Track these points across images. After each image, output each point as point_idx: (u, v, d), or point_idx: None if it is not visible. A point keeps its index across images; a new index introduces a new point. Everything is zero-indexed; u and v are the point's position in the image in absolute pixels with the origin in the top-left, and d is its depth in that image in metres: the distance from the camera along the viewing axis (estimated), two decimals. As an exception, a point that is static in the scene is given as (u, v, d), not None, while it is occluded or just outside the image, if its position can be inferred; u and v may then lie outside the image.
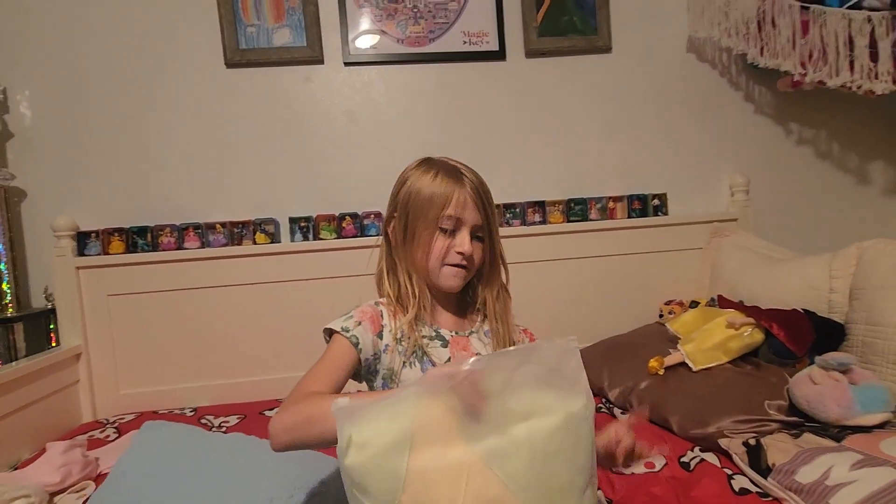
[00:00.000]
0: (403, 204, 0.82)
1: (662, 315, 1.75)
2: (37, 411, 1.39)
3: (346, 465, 0.55)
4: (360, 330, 0.79)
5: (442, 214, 0.79)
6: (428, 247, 0.81)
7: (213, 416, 1.47)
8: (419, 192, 0.80)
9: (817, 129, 1.93)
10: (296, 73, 1.72)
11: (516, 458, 0.56)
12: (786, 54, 1.63)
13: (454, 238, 0.81)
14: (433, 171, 0.82)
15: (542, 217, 1.79)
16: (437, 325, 0.85)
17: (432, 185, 0.80)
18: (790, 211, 1.92)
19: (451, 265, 0.82)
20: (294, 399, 0.70)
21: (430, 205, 0.79)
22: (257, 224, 1.68)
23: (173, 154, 1.69)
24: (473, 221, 0.81)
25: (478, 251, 0.83)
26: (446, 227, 0.80)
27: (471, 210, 0.80)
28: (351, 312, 0.82)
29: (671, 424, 1.16)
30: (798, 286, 1.44)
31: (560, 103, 1.83)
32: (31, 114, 1.63)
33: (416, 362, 0.81)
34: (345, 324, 0.79)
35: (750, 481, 0.92)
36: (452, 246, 0.81)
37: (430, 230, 0.80)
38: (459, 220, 0.80)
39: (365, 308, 0.83)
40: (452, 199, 0.79)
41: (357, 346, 0.77)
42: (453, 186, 0.80)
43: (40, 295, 1.64)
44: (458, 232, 0.81)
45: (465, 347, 0.84)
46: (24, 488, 0.95)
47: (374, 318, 0.81)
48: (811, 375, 1.06)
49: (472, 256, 0.82)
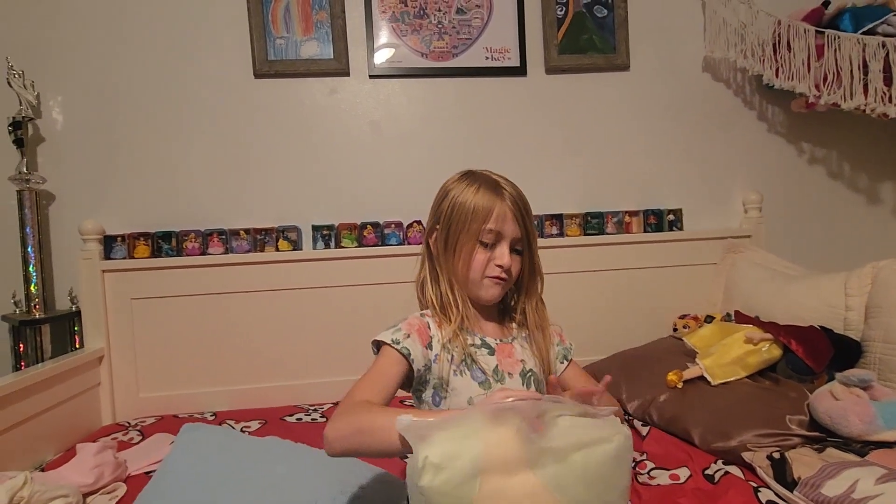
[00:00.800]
0: (446, 216, 0.85)
1: (676, 329, 1.77)
2: (60, 413, 1.41)
3: (420, 486, 0.56)
4: (410, 342, 0.80)
5: (483, 228, 0.82)
6: (469, 259, 0.84)
7: (234, 421, 1.49)
8: (462, 205, 0.83)
9: (829, 148, 1.97)
10: (322, 84, 1.76)
11: (576, 484, 0.59)
12: (800, 76, 1.67)
13: (494, 251, 0.83)
14: (476, 184, 0.84)
15: (559, 230, 1.82)
16: (482, 334, 0.87)
17: (474, 199, 0.82)
18: (802, 229, 1.95)
19: (490, 277, 0.84)
20: (346, 407, 0.72)
21: (472, 218, 0.82)
22: (280, 231, 1.71)
23: (200, 161, 1.72)
24: (513, 235, 0.84)
25: (516, 264, 0.86)
26: (487, 240, 0.83)
27: (510, 224, 0.83)
28: (399, 325, 0.83)
29: (693, 437, 1.18)
30: (814, 303, 1.47)
31: (578, 119, 1.87)
32: (62, 119, 1.66)
33: (466, 370, 0.83)
34: (394, 336, 0.81)
35: (775, 494, 0.94)
36: (492, 259, 0.83)
37: (472, 243, 0.83)
38: (499, 233, 0.83)
39: (412, 320, 0.85)
40: (493, 212, 0.81)
41: (409, 357, 0.79)
42: (494, 200, 0.82)
43: (65, 297, 1.66)
44: (497, 245, 0.83)
45: (509, 354, 0.87)
46: (62, 488, 0.97)
47: (421, 329, 0.83)
48: (832, 391, 1.08)
49: (510, 269, 0.84)
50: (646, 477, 1.07)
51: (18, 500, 0.91)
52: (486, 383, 0.83)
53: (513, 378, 0.85)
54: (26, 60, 1.62)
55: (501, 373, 0.85)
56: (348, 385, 1.70)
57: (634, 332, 1.73)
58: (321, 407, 1.59)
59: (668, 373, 1.35)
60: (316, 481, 0.84)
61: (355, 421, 0.68)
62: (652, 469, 1.11)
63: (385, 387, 0.77)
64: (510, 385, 0.84)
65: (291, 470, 0.87)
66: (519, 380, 0.86)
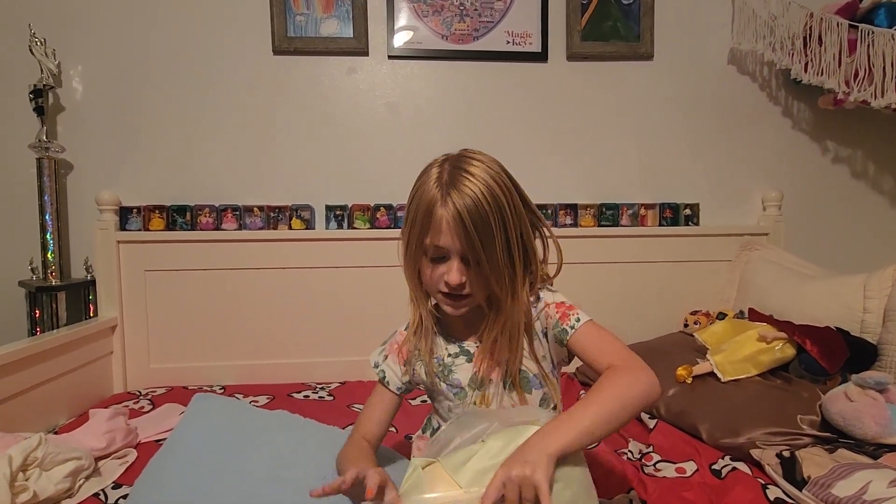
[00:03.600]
0: (411, 211, 0.75)
1: (687, 325, 1.76)
2: (73, 379, 1.43)
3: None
4: (387, 365, 0.86)
5: (427, 245, 0.72)
6: (419, 272, 0.78)
7: (242, 395, 1.50)
8: (417, 204, 0.73)
9: (854, 148, 1.92)
10: (341, 63, 1.74)
11: None
12: (831, 72, 1.62)
13: (440, 267, 0.73)
14: (433, 176, 0.72)
15: (573, 220, 1.81)
16: (460, 340, 0.85)
17: (426, 193, 0.71)
18: (822, 228, 1.92)
19: (444, 294, 0.75)
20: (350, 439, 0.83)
21: (419, 224, 0.72)
22: (294, 210, 1.71)
23: (216, 136, 1.72)
24: (457, 249, 0.71)
25: (472, 278, 0.73)
26: (433, 255, 0.73)
27: (449, 236, 0.70)
28: (384, 344, 0.89)
29: (700, 432, 1.17)
30: (830, 304, 1.44)
31: (598, 108, 1.84)
32: (82, 89, 1.67)
33: (442, 382, 0.84)
34: (377, 358, 0.87)
35: (784, 493, 0.93)
36: (442, 274, 0.73)
37: (419, 258, 0.75)
38: (442, 248, 0.71)
39: (396, 336, 0.89)
40: (432, 221, 0.70)
41: (384, 381, 0.85)
42: (434, 205, 0.69)
43: (80, 266, 1.68)
44: (445, 261, 0.73)
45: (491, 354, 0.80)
46: (75, 450, 0.99)
47: (400, 345, 0.87)
48: (847, 393, 1.06)
49: (464, 284, 0.73)
50: (651, 469, 1.07)
51: (32, 460, 0.93)
52: (461, 393, 0.83)
53: (493, 383, 0.81)
54: (48, 28, 1.62)
55: (480, 379, 0.81)
56: (356, 365, 1.71)
57: (645, 325, 1.71)
58: (328, 385, 1.60)
59: (677, 367, 1.34)
60: (325, 457, 0.85)
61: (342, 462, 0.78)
62: (658, 461, 1.10)
63: (379, 416, 0.85)
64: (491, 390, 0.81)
65: (300, 445, 0.87)
66: (500, 384, 0.81)
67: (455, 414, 0.83)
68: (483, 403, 0.82)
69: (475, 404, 0.82)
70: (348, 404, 1.44)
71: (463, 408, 0.83)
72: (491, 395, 0.82)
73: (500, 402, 0.82)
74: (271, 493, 0.81)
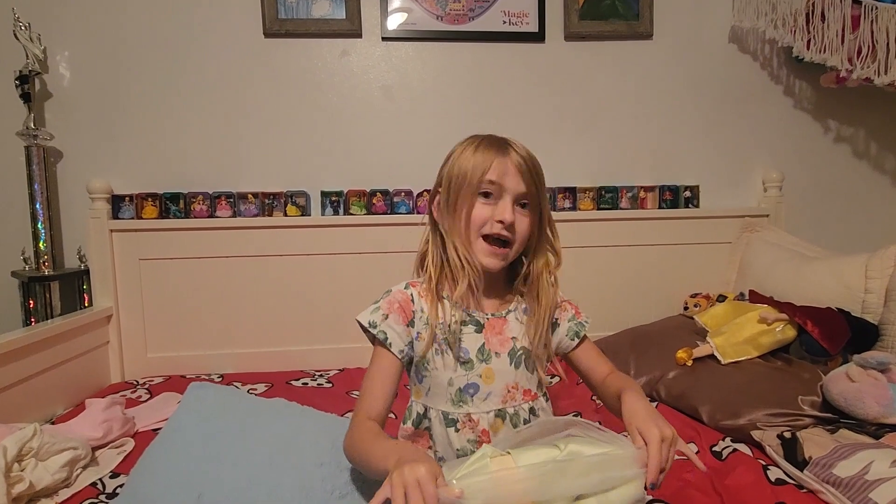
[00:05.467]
0: (448, 178, 0.80)
1: (687, 307, 1.75)
2: (69, 369, 1.42)
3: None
4: (387, 325, 0.78)
5: (483, 179, 0.76)
6: (469, 214, 0.77)
7: (241, 384, 1.49)
8: (462, 163, 0.78)
9: (856, 127, 1.90)
10: (333, 45, 1.71)
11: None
12: (833, 49, 1.59)
13: (496, 206, 0.77)
14: (478, 140, 0.79)
15: (572, 203, 1.79)
16: (473, 308, 0.82)
17: (474, 155, 0.77)
18: (823, 209, 1.90)
19: (488, 240, 0.77)
20: (354, 423, 0.74)
21: (471, 173, 0.76)
22: (289, 196, 1.68)
23: (208, 122, 1.69)
24: (516, 189, 0.77)
25: (523, 223, 0.78)
26: (488, 191, 0.77)
27: (513, 177, 0.76)
28: (379, 302, 0.81)
29: (701, 414, 1.16)
30: (831, 285, 1.43)
31: (597, 89, 1.81)
32: (69, 75, 1.63)
33: (448, 349, 0.79)
34: (372, 318, 0.78)
35: (785, 473, 0.92)
36: (493, 215, 0.76)
37: (472, 197, 0.77)
38: (501, 186, 0.76)
39: (395, 295, 0.81)
40: (493, 165, 0.76)
41: (387, 342, 0.77)
42: (495, 154, 0.77)
43: (74, 255, 1.66)
44: (500, 200, 0.77)
45: (500, 331, 0.82)
46: (71, 440, 0.98)
47: (404, 305, 0.80)
48: (848, 373, 1.05)
49: (514, 226, 0.77)
50: (652, 451, 1.06)
51: (27, 450, 0.92)
52: (468, 364, 0.80)
53: (500, 358, 0.81)
54: (32, 12, 1.58)
55: (488, 352, 0.81)
56: (354, 353, 1.69)
57: (645, 308, 1.71)
58: (327, 372, 1.59)
59: (677, 350, 1.34)
60: (323, 444, 0.84)
61: (358, 450, 0.70)
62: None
63: (383, 390, 0.77)
64: (497, 366, 0.80)
65: (298, 432, 0.86)
66: (507, 359, 0.81)
67: (456, 388, 0.80)
68: (488, 379, 0.80)
69: (480, 377, 0.80)
70: (347, 391, 1.44)
71: (467, 380, 0.79)
72: (495, 371, 0.81)
73: (505, 379, 0.81)
74: (270, 479, 0.80)
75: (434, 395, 0.82)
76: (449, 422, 0.80)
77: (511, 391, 0.82)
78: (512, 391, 0.82)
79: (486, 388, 0.81)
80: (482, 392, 0.80)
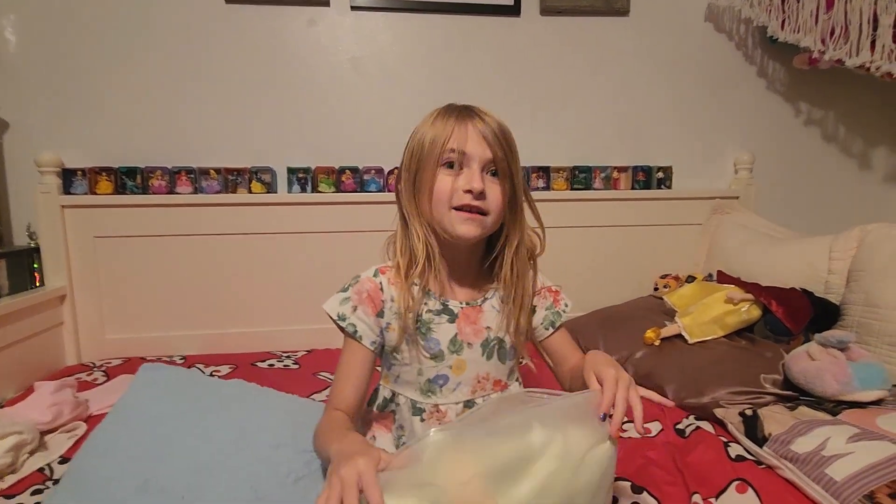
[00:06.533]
0: (408, 153, 0.75)
1: (657, 288, 1.76)
2: (20, 351, 1.36)
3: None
4: (356, 317, 0.75)
5: (444, 149, 0.71)
6: (432, 189, 0.72)
7: (204, 366, 1.45)
8: (423, 135, 0.73)
9: (826, 110, 1.91)
10: (300, 14, 1.63)
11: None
12: (807, 29, 1.59)
13: (460, 176, 0.72)
14: (438, 111, 0.75)
15: (545, 183, 1.77)
16: (447, 297, 0.78)
17: (435, 125, 0.73)
18: (793, 191, 1.92)
19: (459, 209, 0.72)
20: (324, 413, 0.75)
21: (431, 144, 0.72)
22: (253, 172, 1.62)
23: (167, 92, 1.60)
24: (483, 155, 0.71)
25: (494, 192, 0.73)
26: (451, 160, 0.71)
27: (476, 143, 0.71)
28: (347, 291, 0.77)
29: (666, 393, 1.16)
30: (797, 266, 1.45)
31: (571, 66, 1.78)
32: (15, 39, 1.52)
33: (420, 339, 0.76)
34: (341, 309, 0.75)
35: (744, 450, 0.93)
36: (459, 186, 0.71)
37: (433, 169, 0.72)
38: (464, 153, 0.71)
39: (363, 284, 0.77)
40: (454, 132, 0.71)
41: (356, 335, 0.75)
42: (455, 121, 0.72)
43: (22, 232, 1.57)
44: (464, 168, 0.72)
45: (474, 320, 0.79)
46: (16, 424, 0.93)
47: (372, 294, 0.76)
48: (809, 352, 1.07)
49: (484, 194, 0.71)
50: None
51: (-34, 437, 0.87)
52: (439, 356, 0.77)
53: (472, 348, 0.78)
54: (-31, -31, 1.46)
55: (460, 343, 0.77)
56: (322, 334, 1.65)
57: (617, 289, 1.71)
58: (294, 354, 1.55)
59: (646, 330, 1.34)
60: (281, 426, 0.81)
61: (319, 441, 0.70)
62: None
63: (355, 381, 0.76)
64: (468, 356, 0.78)
65: (255, 414, 0.83)
66: (479, 350, 0.78)
67: (425, 378, 0.77)
68: (458, 370, 0.78)
69: (450, 368, 0.77)
70: (314, 373, 1.40)
71: (437, 372, 0.77)
72: (467, 362, 0.78)
73: (476, 369, 0.79)
74: (222, 463, 0.77)
75: (403, 382, 0.80)
76: (416, 410, 0.79)
77: (482, 381, 0.80)
78: (482, 381, 0.80)
79: (456, 379, 0.78)
80: (451, 383, 0.78)
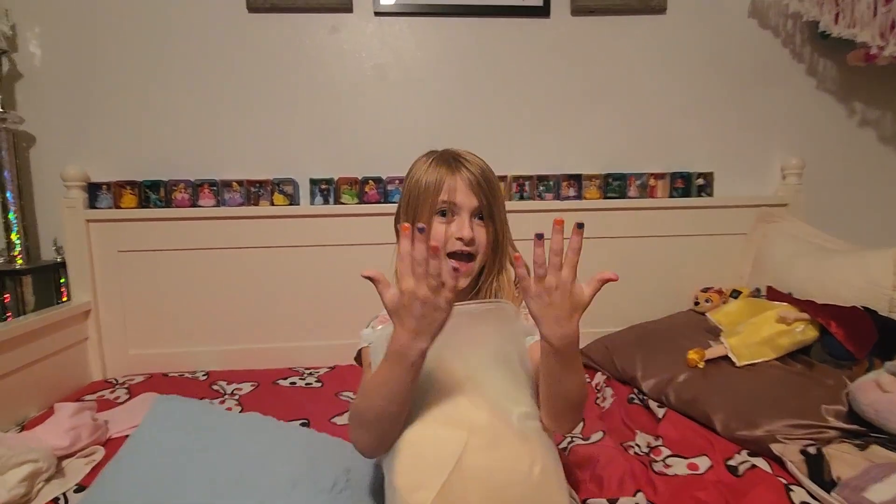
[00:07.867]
0: (407, 195, 0.82)
1: (698, 303, 1.65)
2: (45, 368, 1.35)
3: None
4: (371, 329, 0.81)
5: (436, 200, 0.78)
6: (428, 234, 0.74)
7: (227, 383, 1.42)
8: (417, 181, 0.80)
9: (884, 110, 1.77)
10: (322, 21, 1.59)
11: None
12: (864, 23, 1.47)
13: (452, 224, 0.78)
14: (431, 158, 0.81)
15: (577, 192, 1.68)
16: None
17: (427, 173, 0.79)
18: (847, 199, 1.78)
19: (453, 257, 0.78)
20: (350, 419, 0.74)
21: (426, 192, 0.78)
22: (276, 184, 1.59)
23: (189, 104, 1.58)
24: (470, 205, 0.78)
25: (481, 234, 0.80)
26: (443, 209, 0.78)
27: (464, 193, 0.78)
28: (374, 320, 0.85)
29: (714, 423, 1.07)
30: (856, 281, 1.33)
31: (604, 68, 1.69)
32: (41, 53, 1.53)
33: None
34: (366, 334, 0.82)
35: (810, 495, 0.84)
36: (452, 234, 0.78)
37: (429, 217, 0.78)
38: (454, 203, 0.78)
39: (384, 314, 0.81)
40: (444, 185, 0.78)
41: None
42: (445, 173, 0.78)
43: (49, 247, 1.57)
44: (456, 217, 0.79)
45: None
46: (32, 451, 0.90)
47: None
48: (879, 381, 0.96)
49: (474, 240, 0.78)
50: (661, 465, 0.98)
51: (-19, 465, 0.85)
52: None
53: None
54: (-2, -14, 1.47)
55: None
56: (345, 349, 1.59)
57: (653, 303, 1.62)
58: (316, 371, 1.51)
59: (688, 350, 1.25)
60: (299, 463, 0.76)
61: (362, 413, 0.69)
62: (668, 456, 1.01)
63: None
64: None
65: (272, 449, 0.79)
66: None
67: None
68: None
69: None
70: (336, 392, 1.36)
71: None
72: None
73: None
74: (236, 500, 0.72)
75: None
76: None
77: None
78: None
79: None
80: None
